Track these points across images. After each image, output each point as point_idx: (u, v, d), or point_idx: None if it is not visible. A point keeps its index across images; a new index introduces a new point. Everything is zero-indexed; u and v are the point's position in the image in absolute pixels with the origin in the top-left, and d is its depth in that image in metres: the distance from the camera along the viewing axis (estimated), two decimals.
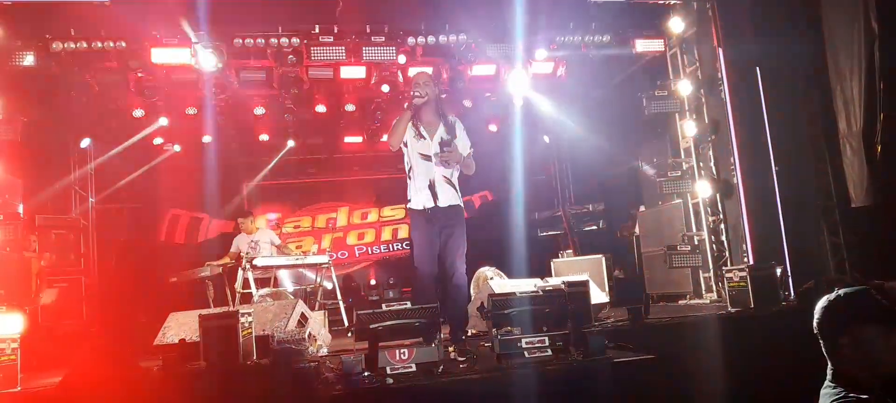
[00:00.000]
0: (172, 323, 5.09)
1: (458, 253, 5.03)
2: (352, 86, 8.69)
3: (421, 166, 5.01)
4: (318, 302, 7.80)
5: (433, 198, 4.97)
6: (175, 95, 8.42)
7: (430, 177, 4.98)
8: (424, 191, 4.98)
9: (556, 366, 3.74)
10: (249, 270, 7.36)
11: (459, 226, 5.07)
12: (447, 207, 5.01)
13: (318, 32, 7.60)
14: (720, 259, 7.55)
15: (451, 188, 5.07)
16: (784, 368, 4.48)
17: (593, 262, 7.90)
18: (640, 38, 8.12)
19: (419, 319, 3.79)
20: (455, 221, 5.05)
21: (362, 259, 11.89)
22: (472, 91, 9.17)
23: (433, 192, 4.97)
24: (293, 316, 5.08)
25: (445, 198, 5.00)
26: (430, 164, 5.00)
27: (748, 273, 5.63)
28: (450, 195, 5.04)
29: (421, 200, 5.00)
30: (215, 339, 4.24)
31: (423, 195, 4.98)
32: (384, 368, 3.59)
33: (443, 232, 5.01)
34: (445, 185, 5.03)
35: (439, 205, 4.98)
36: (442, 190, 5.00)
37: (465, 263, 5.09)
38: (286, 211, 11.81)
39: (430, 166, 5.00)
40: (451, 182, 5.07)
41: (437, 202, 4.97)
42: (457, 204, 5.09)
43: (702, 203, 7.85)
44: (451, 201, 5.04)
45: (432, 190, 4.97)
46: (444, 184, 5.02)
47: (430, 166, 5.00)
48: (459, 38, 7.71)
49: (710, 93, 7.64)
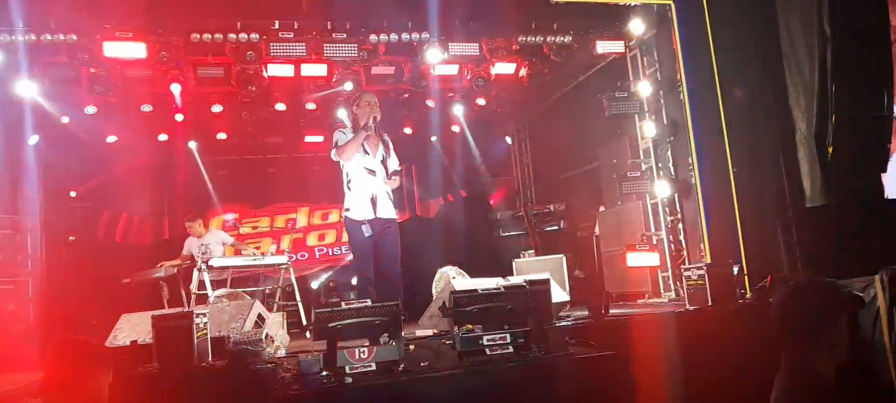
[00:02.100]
0: (124, 325, 4.94)
1: (395, 256, 5.42)
2: (313, 84, 8.57)
3: (364, 180, 5.36)
4: (276, 303, 7.66)
5: (373, 210, 5.34)
6: (130, 91, 8.19)
7: (373, 192, 5.35)
8: (366, 204, 5.34)
9: (517, 363, 3.72)
10: (205, 271, 7.18)
11: (395, 233, 5.48)
12: (386, 220, 5.41)
13: (278, 28, 7.46)
14: (678, 258, 7.66)
15: (391, 202, 5.52)
16: (741, 363, 4.56)
17: (554, 262, 7.93)
18: (601, 39, 8.18)
19: (379, 317, 3.74)
20: (392, 227, 5.47)
21: (323, 260, 11.74)
22: (434, 90, 9.14)
23: (374, 205, 5.34)
24: (250, 316, 4.98)
25: (385, 211, 5.41)
26: (373, 178, 5.37)
27: (706, 271, 5.71)
28: (389, 209, 5.47)
29: (362, 212, 5.34)
30: (169, 341, 4.13)
31: (365, 207, 5.34)
32: (343, 367, 3.53)
33: (380, 238, 5.37)
34: (386, 199, 5.45)
35: (378, 217, 5.35)
36: (382, 203, 5.40)
37: (399, 269, 5.46)
38: (244, 211, 11.58)
39: (373, 180, 5.37)
40: (389, 197, 5.50)
41: (377, 213, 5.35)
42: (393, 218, 5.53)
43: (661, 203, 7.96)
44: (389, 214, 5.45)
45: (374, 203, 5.34)
46: (386, 198, 5.44)
47: (374, 180, 5.37)
48: (422, 37, 7.66)
49: (670, 95, 7.75)
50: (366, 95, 5.62)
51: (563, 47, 8.09)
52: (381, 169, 5.43)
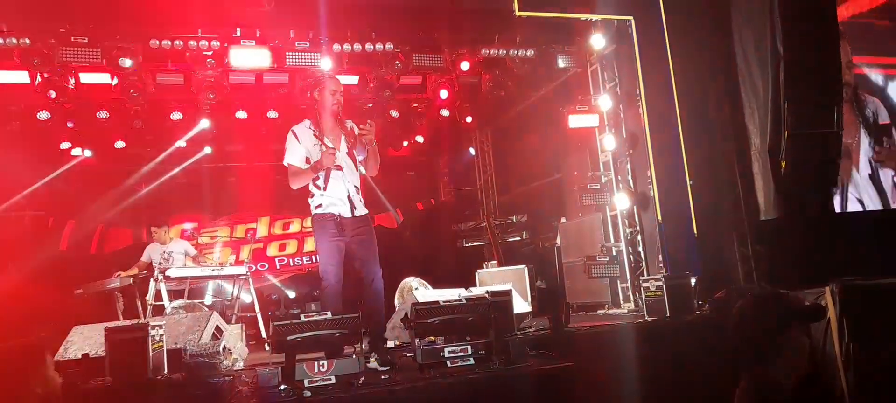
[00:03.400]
0: (76, 337, 4.80)
1: (374, 257, 4.84)
2: (275, 93, 8.50)
3: (333, 176, 4.78)
4: (235, 314, 7.54)
5: (349, 209, 4.82)
6: (86, 98, 7.99)
7: (346, 189, 4.83)
8: (338, 201, 4.82)
9: (478, 375, 3.73)
10: (162, 281, 7.03)
11: (371, 233, 4.92)
12: (360, 217, 4.88)
13: (240, 36, 7.39)
14: (637, 269, 7.77)
15: (361, 197, 4.95)
16: (698, 374, 4.64)
17: (517, 272, 7.97)
18: (563, 53, 8.31)
19: (339, 330, 3.71)
20: (366, 227, 4.91)
21: (284, 270, 11.59)
22: (399, 101, 9.14)
23: (350, 203, 4.83)
24: (207, 328, 4.88)
25: (358, 209, 4.88)
26: (342, 174, 4.82)
27: (664, 282, 5.82)
28: (362, 205, 4.93)
29: (335, 207, 4.81)
30: (122, 354, 4.03)
31: (337, 204, 4.81)
32: (302, 381, 3.49)
33: (354, 240, 4.82)
34: (358, 195, 4.91)
35: (354, 215, 4.84)
36: (357, 199, 4.88)
37: (380, 267, 4.90)
38: (203, 220, 11.38)
39: (343, 176, 4.82)
40: (359, 190, 4.94)
41: (353, 212, 4.84)
42: (366, 213, 4.96)
43: (620, 215, 8.07)
44: (363, 211, 4.91)
45: (350, 201, 4.82)
46: (358, 194, 4.90)
47: (344, 176, 4.82)
48: (386, 48, 7.65)
49: (629, 109, 7.88)
50: (329, 81, 4.95)
51: (525, 61, 8.18)
52: (348, 162, 4.87)
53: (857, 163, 7.20)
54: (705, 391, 3.84)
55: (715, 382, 2.83)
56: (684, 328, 5.49)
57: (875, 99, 7.43)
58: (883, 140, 7.36)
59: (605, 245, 8.00)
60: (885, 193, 7.22)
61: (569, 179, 9.43)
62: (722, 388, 2.47)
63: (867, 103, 7.40)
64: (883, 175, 7.26)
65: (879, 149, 7.31)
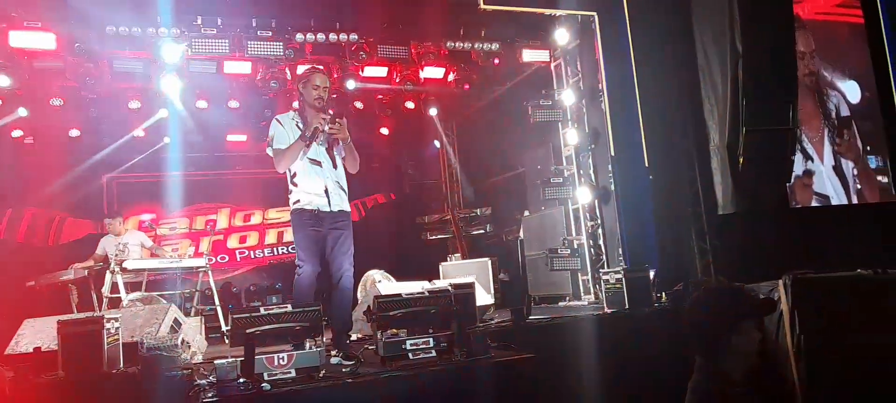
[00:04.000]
0: (27, 331, 4.68)
1: (347, 256, 4.84)
2: (236, 82, 8.36)
3: (311, 171, 4.76)
4: (194, 307, 7.42)
5: (327, 202, 4.77)
6: (38, 84, 7.75)
7: (324, 183, 4.81)
8: (317, 195, 4.77)
9: (439, 367, 3.74)
10: (118, 273, 6.87)
11: (348, 228, 4.89)
12: (338, 211, 4.84)
13: (201, 24, 7.25)
14: (598, 262, 7.87)
15: (343, 192, 4.91)
16: (656, 364, 4.73)
17: (480, 265, 8.02)
18: (527, 47, 8.36)
19: (300, 322, 3.67)
20: (344, 223, 4.88)
21: (244, 263, 11.43)
22: (363, 92, 9.07)
23: (327, 197, 4.77)
24: (165, 321, 4.81)
25: (337, 202, 4.83)
26: (320, 169, 4.78)
27: (623, 275, 5.91)
28: (342, 200, 4.88)
29: (312, 202, 4.76)
30: (76, 347, 3.96)
31: (315, 198, 4.76)
32: (261, 374, 3.45)
33: (331, 234, 4.79)
34: (338, 191, 4.86)
35: (332, 209, 4.80)
36: (335, 194, 4.82)
37: (353, 266, 4.92)
38: (161, 212, 11.13)
39: (320, 171, 4.78)
40: (342, 187, 4.90)
41: (331, 206, 4.79)
42: (347, 209, 4.94)
43: (582, 208, 8.16)
44: (342, 206, 4.87)
45: (327, 194, 4.77)
46: (337, 189, 4.85)
47: (322, 171, 4.78)
48: (351, 38, 7.59)
49: (592, 104, 7.96)
50: (315, 76, 4.88)
51: (490, 54, 8.20)
52: (326, 158, 4.84)
53: (821, 155, 7.42)
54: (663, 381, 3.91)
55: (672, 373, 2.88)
56: (643, 320, 5.59)
57: (837, 92, 7.67)
58: (844, 133, 7.59)
59: (567, 238, 8.08)
60: (848, 184, 7.47)
61: (532, 173, 9.50)
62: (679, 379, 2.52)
63: (830, 96, 7.63)
64: (845, 165, 7.51)
65: (840, 141, 7.55)
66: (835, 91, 7.67)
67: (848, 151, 7.59)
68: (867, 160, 7.69)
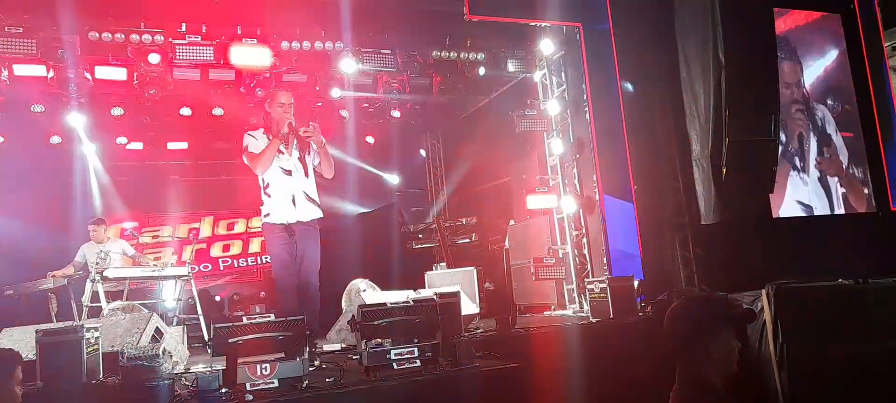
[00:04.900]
0: (4, 340, 4.59)
1: (314, 270, 5.03)
2: (220, 90, 8.30)
3: (281, 181, 4.91)
4: (176, 316, 7.33)
5: (295, 213, 4.90)
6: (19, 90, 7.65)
7: (292, 192, 4.90)
8: (286, 206, 4.90)
9: (424, 377, 3.72)
10: (100, 282, 6.78)
11: (315, 243, 5.06)
12: (308, 222, 4.97)
13: (185, 31, 7.19)
14: (582, 271, 7.88)
15: (312, 204, 5.03)
16: (640, 374, 4.72)
17: (465, 274, 7.99)
18: (512, 58, 8.38)
19: (283, 332, 3.63)
20: (311, 238, 5.04)
21: (228, 272, 11.34)
22: (349, 101, 9.05)
23: (295, 207, 4.91)
24: (147, 330, 4.73)
25: (306, 213, 4.96)
26: (290, 179, 4.92)
27: (607, 285, 5.93)
28: (311, 210, 5.00)
29: (282, 215, 4.91)
30: (55, 357, 3.89)
31: (285, 210, 4.90)
32: (243, 384, 3.41)
33: (298, 248, 4.95)
34: (306, 202, 4.99)
35: (301, 220, 4.91)
36: (302, 205, 4.96)
37: (316, 275, 5.07)
38: (144, 219, 11.03)
39: (290, 181, 4.92)
40: (311, 198, 5.02)
41: (299, 217, 4.92)
42: (315, 220, 5.06)
43: (566, 218, 8.17)
44: (311, 216, 5.00)
45: (294, 204, 4.91)
46: (306, 201, 4.98)
47: (291, 181, 4.92)
48: (336, 46, 7.57)
49: (577, 114, 7.99)
50: (280, 95, 5.13)
51: (475, 64, 8.22)
52: (298, 167, 4.97)
53: (807, 168, 7.53)
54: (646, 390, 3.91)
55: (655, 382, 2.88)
56: (627, 329, 5.61)
57: (823, 107, 7.79)
58: (823, 150, 7.71)
59: (552, 247, 8.09)
60: (831, 196, 7.57)
61: (517, 182, 9.51)
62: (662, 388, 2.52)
63: (816, 110, 7.75)
64: (830, 179, 7.64)
65: (820, 158, 7.66)
66: (822, 105, 7.80)
67: (829, 167, 7.70)
68: (852, 172, 7.81)
